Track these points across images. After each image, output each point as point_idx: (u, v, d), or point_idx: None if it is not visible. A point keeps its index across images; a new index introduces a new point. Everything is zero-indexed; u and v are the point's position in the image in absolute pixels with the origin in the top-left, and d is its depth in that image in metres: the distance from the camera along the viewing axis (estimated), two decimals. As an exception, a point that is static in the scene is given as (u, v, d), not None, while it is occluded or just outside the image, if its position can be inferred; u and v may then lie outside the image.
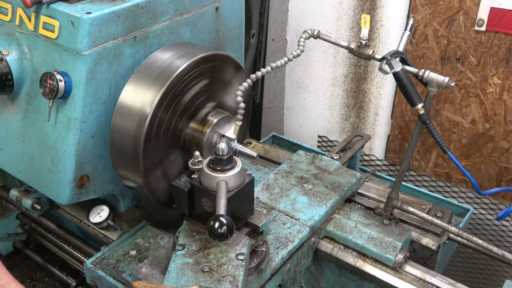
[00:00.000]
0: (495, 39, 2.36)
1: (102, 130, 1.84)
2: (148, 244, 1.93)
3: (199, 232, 1.62)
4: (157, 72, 1.76)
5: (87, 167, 1.85)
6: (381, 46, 2.72)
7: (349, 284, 1.98)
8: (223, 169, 1.54)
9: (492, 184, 2.63)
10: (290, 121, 3.27)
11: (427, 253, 1.96)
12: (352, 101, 2.97)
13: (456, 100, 2.58)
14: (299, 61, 3.02)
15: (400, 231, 1.91)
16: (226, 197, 1.47)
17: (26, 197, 2.25)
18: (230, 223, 1.37)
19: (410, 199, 2.11)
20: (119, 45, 1.78)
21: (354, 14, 2.76)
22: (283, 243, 1.77)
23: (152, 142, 1.74)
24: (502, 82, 2.41)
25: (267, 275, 1.68)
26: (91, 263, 1.86)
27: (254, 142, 2.54)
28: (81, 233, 2.33)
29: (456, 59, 2.50)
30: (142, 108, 1.72)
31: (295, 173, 2.11)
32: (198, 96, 1.86)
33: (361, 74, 2.87)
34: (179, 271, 1.48)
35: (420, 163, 2.83)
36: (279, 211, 1.91)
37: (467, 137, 2.62)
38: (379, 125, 2.91)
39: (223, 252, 1.54)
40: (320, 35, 1.84)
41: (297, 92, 3.14)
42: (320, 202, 1.95)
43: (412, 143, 1.80)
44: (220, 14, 2.17)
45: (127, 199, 2.14)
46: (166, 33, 1.94)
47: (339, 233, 1.90)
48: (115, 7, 1.74)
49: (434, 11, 2.48)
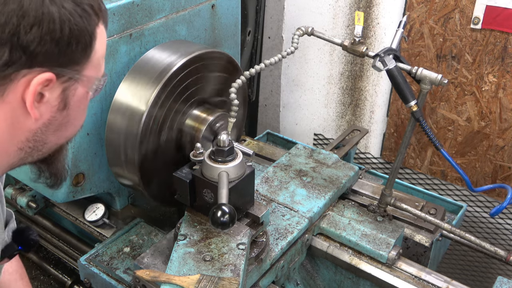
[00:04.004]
0: (491, 37, 2.36)
1: (98, 127, 1.84)
2: (142, 241, 1.94)
3: (200, 223, 1.64)
4: (153, 70, 1.76)
5: (83, 165, 1.86)
6: (377, 44, 2.72)
7: (345, 282, 1.99)
8: (224, 160, 1.56)
9: (487, 182, 2.64)
10: (286, 119, 3.27)
11: (420, 250, 1.97)
12: (348, 99, 2.97)
13: (451, 98, 2.58)
14: (295, 58, 3.03)
15: (393, 228, 1.92)
16: (227, 187, 1.50)
17: (21, 195, 2.25)
18: (232, 211, 1.39)
19: (403, 196, 2.11)
20: (114, 42, 1.78)
21: (350, 12, 2.76)
22: (283, 234, 1.79)
23: (148, 140, 1.75)
24: (497, 80, 2.42)
25: (267, 265, 1.71)
26: (85, 260, 1.87)
27: (248, 139, 2.55)
28: (77, 231, 2.34)
29: (451, 57, 2.50)
30: (137, 105, 1.72)
31: (294, 166, 2.13)
32: (194, 93, 1.86)
33: (357, 72, 2.87)
34: (181, 260, 1.50)
35: (415, 161, 2.83)
36: (278, 203, 1.93)
37: (462, 135, 2.63)
38: (375, 123, 2.92)
39: (224, 242, 1.56)
40: (314, 32, 1.85)
41: (293, 90, 3.15)
42: (318, 195, 1.97)
43: (405, 140, 1.81)
44: (216, 12, 2.17)
45: (123, 197, 2.14)
46: (162, 31, 1.94)
47: (332, 230, 1.91)
48: (111, 5, 1.74)
49: (430, 9, 2.48)
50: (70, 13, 0.95)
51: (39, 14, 0.91)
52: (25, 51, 0.92)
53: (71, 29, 0.95)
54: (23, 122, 1.00)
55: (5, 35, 0.90)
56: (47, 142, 1.07)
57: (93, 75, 1.06)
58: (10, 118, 0.98)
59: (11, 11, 0.90)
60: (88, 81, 1.05)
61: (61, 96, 1.01)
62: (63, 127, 1.08)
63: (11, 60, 0.92)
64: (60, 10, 0.93)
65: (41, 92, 0.97)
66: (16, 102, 0.97)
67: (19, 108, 0.98)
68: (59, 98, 1.01)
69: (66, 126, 1.08)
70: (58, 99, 1.01)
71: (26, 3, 0.90)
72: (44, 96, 0.99)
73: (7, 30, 0.90)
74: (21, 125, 1.00)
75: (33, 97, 0.96)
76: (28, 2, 0.91)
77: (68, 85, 1.01)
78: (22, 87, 0.95)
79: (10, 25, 0.90)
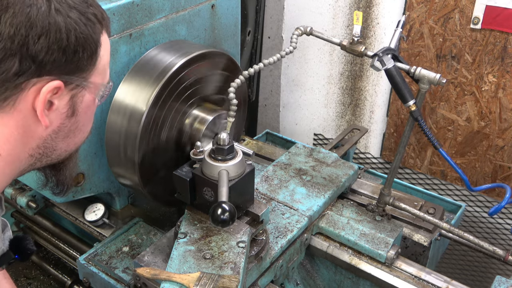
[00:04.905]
0: (491, 37, 2.36)
1: (97, 127, 1.84)
2: (141, 240, 1.94)
3: (200, 221, 1.65)
4: (153, 70, 1.77)
5: (82, 165, 1.86)
6: (377, 44, 2.72)
7: (345, 281, 1.99)
8: (224, 159, 1.57)
9: (487, 182, 2.64)
10: (286, 118, 3.28)
11: (419, 249, 1.97)
12: (348, 99, 2.97)
13: (451, 98, 2.58)
14: (295, 58, 3.03)
15: (392, 228, 1.92)
16: (227, 186, 1.50)
17: (21, 195, 2.26)
18: (233, 209, 1.40)
19: (402, 195, 2.11)
20: (114, 42, 1.79)
21: (350, 11, 2.76)
22: (282, 233, 1.80)
23: (148, 140, 1.75)
24: (497, 80, 2.42)
25: (267, 264, 1.71)
26: (84, 259, 1.87)
27: (247, 139, 2.55)
28: (77, 231, 2.34)
29: (451, 57, 2.51)
30: (137, 105, 1.72)
31: (293, 165, 2.13)
32: (193, 93, 1.87)
33: (357, 72, 2.87)
34: (181, 258, 1.51)
35: (415, 161, 2.84)
36: (278, 201, 1.93)
37: (462, 135, 2.63)
38: (374, 123, 2.92)
39: (224, 240, 1.57)
40: (313, 32, 1.85)
41: (293, 89, 3.15)
42: (318, 193, 1.97)
43: (404, 140, 1.81)
44: (216, 12, 2.17)
45: (123, 197, 2.14)
46: (161, 31, 1.94)
47: (331, 229, 1.91)
48: (111, 5, 1.75)
49: (429, 9, 2.49)
50: (75, 22, 0.99)
51: (46, 24, 0.95)
52: (34, 60, 0.96)
53: (77, 37, 0.99)
54: (34, 130, 1.04)
55: (15, 46, 0.94)
56: (57, 148, 1.11)
57: (99, 82, 1.10)
58: (22, 126, 1.02)
59: (19, 23, 0.93)
60: (95, 87, 1.09)
61: (69, 103, 1.05)
62: (72, 134, 1.12)
63: (21, 70, 0.96)
64: (66, 19, 0.97)
65: (50, 100, 1.01)
66: (27, 111, 1.00)
67: (30, 116, 1.01)
68: (68, 105, 1.05)
69: (75, 132, 1.12)
70: (66, 106, 1.05)
71: (33, 14, 0.94)
72: (54, 104, 1.02)
73: (16, 41, 0.94)
74: (32, 133, 1.04)
75: (43, 105, 1.00)
76: (35, 13, 0.94)
77: (76, 92, 1.05)
78: (33, 95, 0.99)
79: (19, 36, 0.94)
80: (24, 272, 2.76)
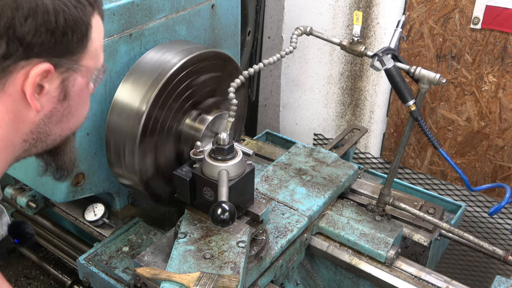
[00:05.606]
0: (491, 37, 2.36)
1: (97, 127, 1.85)
2: (140, 240, 1.94)
3: (200, 221, 1.65)
4: (153, 70, 1.77)
5: (82, 165, 1.86)
6: (377, 44, 2.72)
7: (345, 281, 1.99)
8: (224, 159, 1.57)
9: (487, 182, 2.64)
10: (286, 118, 3.28)
11: (419, 249, 1.97)
12: (348, 99, 2.97)
13: (451, 98, 2.58)
14: (295, 58, 3.03)
15: (392, 227, 1.92)
16: (227, 185, 1.51)
17: (21, 195, 2.26)
18: (233, 209, 1.40)
19: (402, 195, 2.11)
20: (114, 42, 1.79)
21: (350, 11, 2.76)
22: (282, 233, 1.80)
23: (148, 140, 1.75)
24: (497, 80, 2.42)
25: (267, 263, 1.71)
26: (84, 259, 1.88)
27: (247, 139, 2.55)
28: (77, 231, 2.34)
29: (451, 57, 2.51)
30: (137, 105, 1.72)
31: (293, 165, 2.14)
32: (193, 93, 1.87)
33: (357, 72, 2.87)
34: (181, 258, 1.51)
35: (415, 161, 2.84)
36: (278, 201, 1.94)
37: (462, 135, 2.63)
38: (374, 123, 2.92)
39: (224, 240, 1.57)
40: (313, 32, 1.85)
41: (293, 89, 3.15)
42: (318, 193, 1.97)
43: (404, 139, 1.81)
44: (216, 12, 2.17)
45: (123, 197, 2.14)
46: (161, 31, 1.94)
47: (331, 229, 1.91)
48: (111, 5, 1.75)
49: (429, 9, 2.49)
50: (64, 4, 0.97)
51: (33, 6, 0.93)
52: (21, 42, 0.94)
53: (66, 19, 0.97)
54: (26, 114, 1.02)
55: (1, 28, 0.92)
56: (51, 133, 1.09)
57: (91, 65, 1.07)
58: (13, 111, 1.00)
59: (5, 5, 0.92)
60: (87, 71, 1.07)
61: (60, 87, 1.03)
62: (65, 118, 1.09)
63: (8, 52, 0.94)
64: (54, 1, 0.95)
65: (40, 83, 0.99)
66: (17, 94, 0.98)
67: (20, 101, 0.99)
68: (59, 89, 1.03)
69: (68, 117, 1.10)
70: (57, 90, 1.03)
71: None
72: (44, 88, 1.00)
73: (2, 23, 0.92)
74: (24, 118, 1.02)
75: (32, 88, 0.98)
76: None
77: (67, 76, 1.03)
78: (21, 79, 0.97)
79: (5, 18, 0.92)
80: (24, 272, 2.76)
